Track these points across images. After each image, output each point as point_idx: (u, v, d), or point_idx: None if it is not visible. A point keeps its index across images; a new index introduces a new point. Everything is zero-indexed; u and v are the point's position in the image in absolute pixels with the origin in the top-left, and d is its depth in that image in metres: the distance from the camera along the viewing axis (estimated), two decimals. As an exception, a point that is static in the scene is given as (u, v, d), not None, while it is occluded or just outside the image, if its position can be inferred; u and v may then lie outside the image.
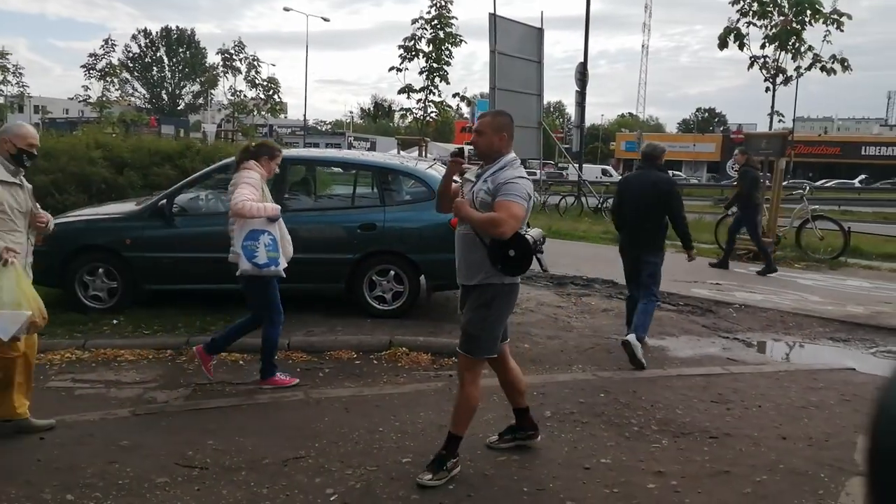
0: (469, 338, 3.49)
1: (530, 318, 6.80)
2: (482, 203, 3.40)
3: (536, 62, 19.86)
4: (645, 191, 5.77)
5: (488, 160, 3.52)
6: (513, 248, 3.33)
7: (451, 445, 3.51)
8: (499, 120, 3.58)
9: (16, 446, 3.82)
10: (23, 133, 3.99)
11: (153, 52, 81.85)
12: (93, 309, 6.25)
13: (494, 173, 3.44)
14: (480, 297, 3.47)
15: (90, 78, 22.79)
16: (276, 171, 5.05)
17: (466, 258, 3.51)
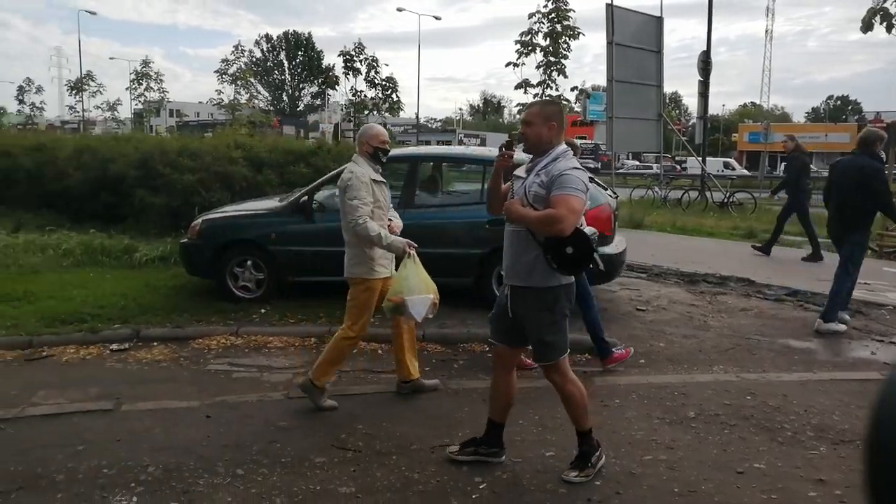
0: (545, 346, 3.34)
1: (663, 315, 6.63)
2: (535, 197, 3.17)
3: (656, 52, 19.30)
4: (851, 173, 6.08)
5: (538, 152, 3.30)
6: (571, 244, 3.09)
7: (585, 441, 3.48)
8: (548, 109, 3.37)
9: (188, 423, 4.16)
10: (375, 133, 4.39)
11: (274, 57, 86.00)
12: (242, 299, 6.69)
13: (546, 165, 3.21)
14: (541, 301, 3.27)
15: (222, 82, 24.32)
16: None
17: (519, 258, 3.28)
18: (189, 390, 4.71)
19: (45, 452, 3.68)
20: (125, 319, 6.09)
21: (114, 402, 4.44)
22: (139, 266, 8.24)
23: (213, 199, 9.27)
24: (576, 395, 3.43)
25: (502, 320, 3.47)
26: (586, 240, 3.14)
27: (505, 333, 3.50)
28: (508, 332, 3.47)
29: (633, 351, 5.32)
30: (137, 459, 3.61)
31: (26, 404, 4.39)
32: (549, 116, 3.29)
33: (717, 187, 19.64)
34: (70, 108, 51.74)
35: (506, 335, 3.51)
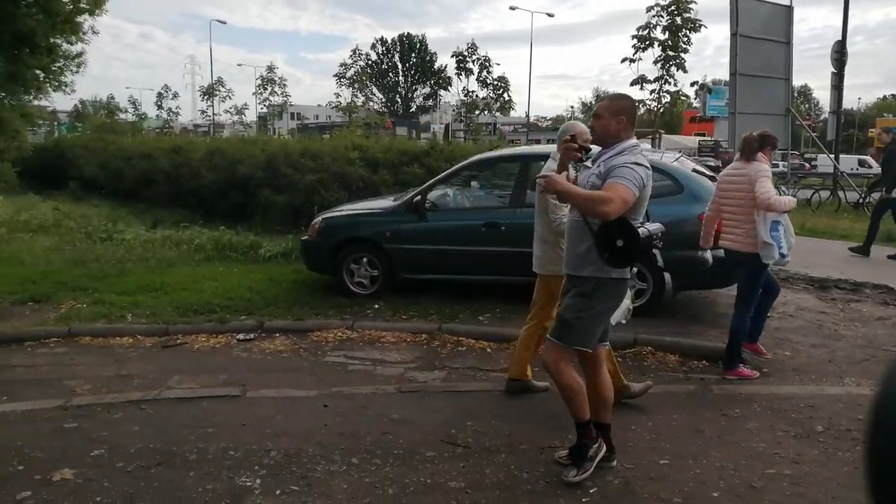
0: (563, 323, 3.34)
1: (790, 323, 6.25)
2: (592, 187, 3.19)
3: (784, 43, 18.16)
4: None
5: (605, 146, 3.33)
6: (621, 237, 3.08)
7: (581, 431, 3.47)
8: (618, 103, 3.37)
9: (307, 411, 4.37)
10: (580, 130, 4.34)
11: (388, 59, 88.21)
12: (357, 294, 6.94)
13: (610, 158, 3.23)
14: (583, 286, 3.31)
15: (341, 86, 25.27)
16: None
17: (574, 248, 3.34)
18: (308, 380, 4.94)
19: (180, 433, 3.98)
20: (250, 311, 6.47)
21: (240, 388, 4.73)
22: (263, 261, 8.72)
23: (332, 198, 9.65)
24: (573, 387, 3.41)
25: None
26: (634, 233, 3.08)
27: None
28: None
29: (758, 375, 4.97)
30: (261, 443, 3.83)
31: (163, 387, 4.76)
32: (619, 111, 3.30)
33: (852, 186, 18.24)
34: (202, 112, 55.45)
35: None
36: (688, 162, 7.16)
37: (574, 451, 3.50)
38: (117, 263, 8.52)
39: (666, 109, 17.37)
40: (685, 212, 6.15)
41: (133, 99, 61.68)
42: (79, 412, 4.30)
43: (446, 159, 10.20)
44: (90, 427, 4.07)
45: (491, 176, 7.97)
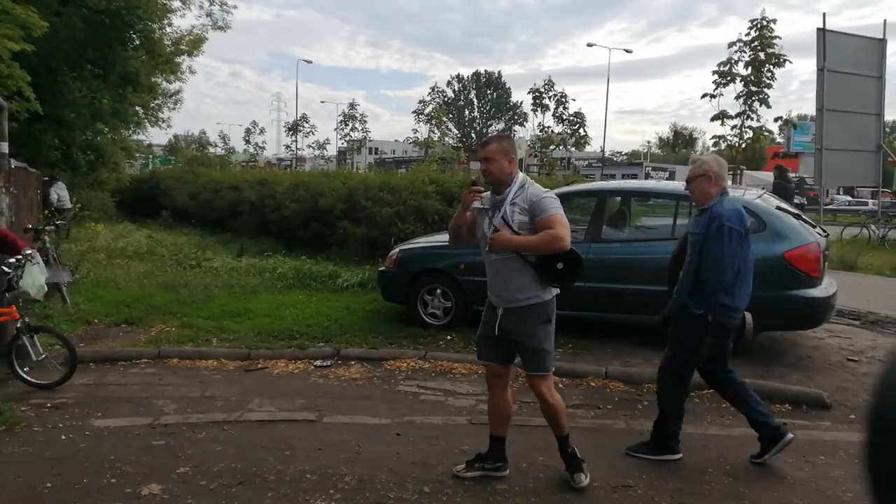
0: (544, 355, 3.60)
1: (879, 368, 5.94)
2: (521, 224, 3.46)
3: (876, 77, 17.48)
4: None
5: (502, 185, 3.54)
6: (561, 261, 3.42)
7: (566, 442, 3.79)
8: (505, 144, 3.60)
9: (379, 438, 4.45)
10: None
11: (465, 95, 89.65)
12: (431, 325, 7.05)
13: (518, 194, 3.49)
14: (538, 315, 3.55)
15: (419, 122, 25.88)
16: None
17: (511, 283, 3.54)
18: (381, 408, 5.04)
19: (259, 454, 4.14)
20: (328, 338, 6.67)
21: (316, 413, 4.87)
22: (341, 290, 8.98)
23: (408, 230, 9.87)
24: (559, 404, 3.72)
25: (491, 340, 3.73)
26: (575, 254, 3.45)
27: (496, 354, 3.75)
28: (499, 351, 3.74)
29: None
30: (336, 468, 3.94)
31: (244, 410, 4.96)
32: (508, 150, 3.57)
33: (953, 227, 17.19)
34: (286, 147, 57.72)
35: (497, 355, 3.76)
36: (771, 199, 6.98)
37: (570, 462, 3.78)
38: (204, 290, 8.94)
39: (748, 145, 16.89)
40: (767, 250, 5.97)
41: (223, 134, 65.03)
42: (166, 430, 4.54)
43: (520, 194, 10.27)
44: (176, 445, 4.28)
45: (566, 210, 7.96)
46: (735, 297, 3.90)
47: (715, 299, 3.87)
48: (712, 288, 3.87)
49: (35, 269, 5.48)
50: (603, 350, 6.35)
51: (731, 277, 3.86)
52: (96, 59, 15.92)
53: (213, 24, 19.87)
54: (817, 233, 6.50)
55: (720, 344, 4.01)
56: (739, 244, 3.87)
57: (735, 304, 3.92)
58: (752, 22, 16.49)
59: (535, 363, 3.64)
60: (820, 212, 17.31)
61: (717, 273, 3.86)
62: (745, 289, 3.99)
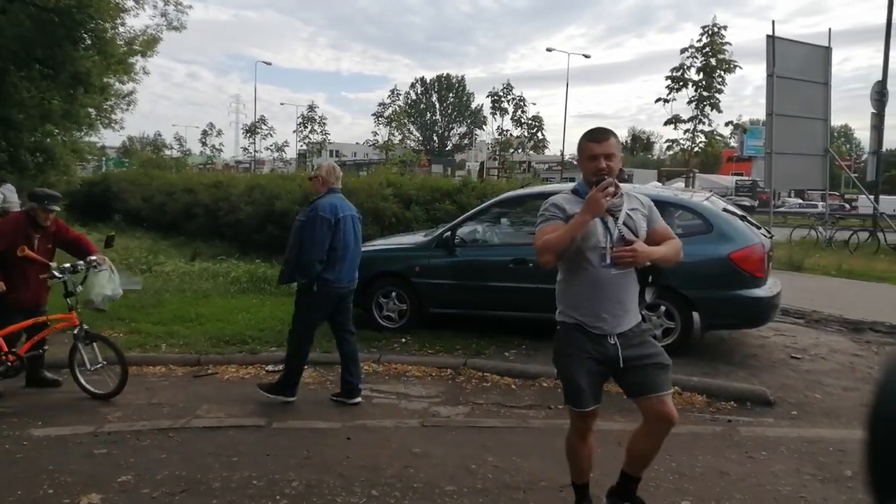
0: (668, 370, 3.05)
1: (821, 365, 6.13)
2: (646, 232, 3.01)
3: (822, 84, 18.04)
4: None
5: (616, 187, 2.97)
6: (651, 273, 3.03)
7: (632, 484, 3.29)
8: (618, 138, 3.05)
9: (329, 443, 4.42)
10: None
11: (427, 98, 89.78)
12: (385, 328, 7.02)
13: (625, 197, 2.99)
14: (649, 332, 3.13)
15: (378, 124, 25.78)
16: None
17: (625, 301, 2.98)
18: (332, 412, 5.00)
19: (205, 461, 4.07)
20: (281, 342, 6.57)
21: (266, 418, 4.81)
22: (295, 294, 8.86)
23: (365, 233, 9.77)
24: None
25: (601, 380, 3.06)
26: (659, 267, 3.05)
27: (600, 394, 3.08)
28: (601, 391, 3.08)
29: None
30: (283, 473, 3.89)
31: (192, 416, 4.87)
32: (620, 146, 3.10)
33: (892, 228, 17.83)
34: (244, 149, 56.90)
35: (600, 395, 3.09)
36: (718, 201, 7.14)
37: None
38: (155, 294, 8.76)
39: (701, 149, 17.27)
40: (713, 251, 6.12)
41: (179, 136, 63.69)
42: (109, 438, 4.43)
43: (478, 196, 10.33)
44: (119, 453, 4.18)
45: (520, 213, 8.03)
46: (336, 272, 5.04)
47: (312, 272, 4.93)
48: (311, 263, 4.91)
49: (99, 277, 5.32)
50: (556, 351, 6.40)
51: (322, 255, 4.93)
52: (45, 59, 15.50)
53: (168, 25, 19.51)
54: (762, 234, 6.67)
55: (319, 307, 5.09)
56: (328, 229, 4.94)
57: (335, 278, 5.06)
58: (704, 28, 16.93)
59: (668, 380, 3.05)
60: (770, 214, 17.75)
61: (313, 251, 4.91)
62: (346, 266, 5.14)
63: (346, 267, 5.15)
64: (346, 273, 5.17)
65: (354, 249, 5.24)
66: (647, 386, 2.97)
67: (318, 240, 4.92)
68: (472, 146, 77.90)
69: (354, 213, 5.33)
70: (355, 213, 5.36)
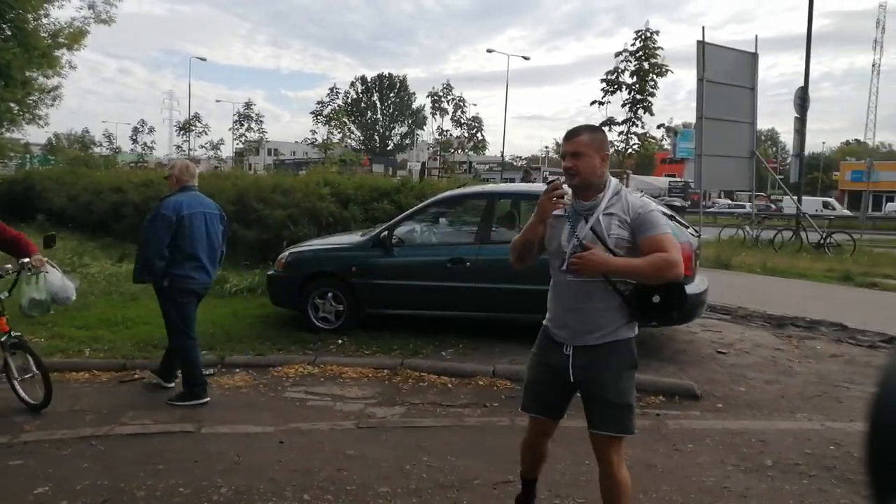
0: (629, 411, 2.74)
1: (745, 359, 6.37)
2: (619, 241, 2.66)
3: (749, 89, 18.75)
4: None
5: (591, 189, 2.72)
6: (660, 293, 2.63)
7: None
8: (599, 136, 2.79)
9: (261, 447, 4.33)
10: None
11: (367, 98, 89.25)
12: (322, 329, 6.92)
13: (613, 202, 2.70)
14: (621, 358, 2.73)
15: (317, 123, 25.47)
16: None
17: (594, 312, 2.71)
18: (265, 416, 4.90)
19: (129, 469, 3.91)
20: (212, 346, 6.42)
21: (195, 424, 4.67)
22: (229, 296, 8.67)
23: (301, 233, 9.68)
24: (628, 483, 2.81)
25: (552, 390, 2.88)
26: (680, 286, 2.66)
27: (552, 406, 2.93)
28: (557, 404, 2.92)
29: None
30: (212, 480, 3.79)
31: (116, 423, 4.68)
32: (602, 145, 2.77)
33: (813, 227, 18.71)
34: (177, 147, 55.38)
35: (553, 408, 2.94)
36: (650, 202, 7.32)
37: None
38: (79, 297, 8.38)
39: (634, 151, 17.74)
40: (644, 250, 6.27)
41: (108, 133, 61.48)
42: (25, 449, 4.22)
43: (417, 196, 10.29)
44: (36, 464, 3.99)
45: (458, 213, 8.07)
46: (185, 269, 5.00)
47: (154, 270, 4.94)
48: (150, 261, 4.91)
49: (31, 282, 4.93)
50: (491, 349, 6.46)
51: (161, 252, 4.89)
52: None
53: (97, 17, 18.81)
54: (690, 233, 6.88)
55: (179, 303, 5.11)
56: (168, 227, 4.90)
57: (186, 275, 5.02)
58: (637, 33, 17.37)
59: (614, 421, 2.73)
60: (701, 214, 18.36)
61: (150, 249, 4.91)
62: (197, 264, 5.06)
63: (197, 265, 5.08)
64: (199, 271, 5.10)
65: (210, 247, 5.17)
66: (591, 418, 2.81)
67: (158, 238, 4.91)
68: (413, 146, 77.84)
69: (212, 211, 5.28)
70: (214, 211, 5.31)
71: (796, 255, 15.92)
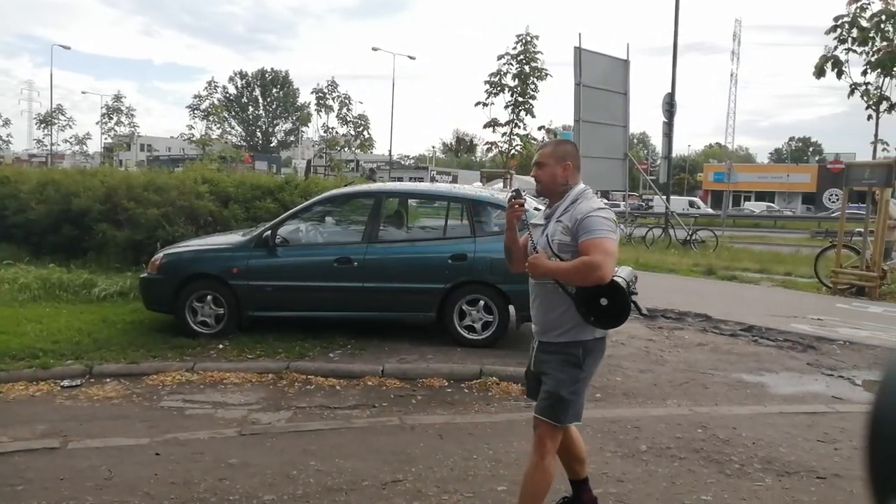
0: (559, 402, 2.91)
1: (621, 350, 6.71)
2: (561, 246, 2.88)
3: (622, 94, 19.80)
4: None
5: (554, 196, 3.03)
6: (605, 295, 2.78)
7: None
8: (561, 148, 3.11)
9: (135, 461, 4.09)
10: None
11: (249, 93, 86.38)
12: (201, 334, 6.62)
13: (567, 210, 2.94)
14: (569, 355, 2.93)
15: (194, 118, 24.33)
16: None
17: (548, 313, 2.98)
18: (139, 427, 4.63)
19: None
20: (79, 355, 5.98)
21: (60, 439, 4.34)
22: (98, 301, 8.12)
23: (177, 233, 9.22)
24: (550, 475, 2.98)
25: (533, 377, 3.16)
26: (621, 289, 2.80)
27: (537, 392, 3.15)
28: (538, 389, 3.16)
29: None
30: (80, 498, 3.53)
31: (-32, 443, 4.27)
32: (563, 156, 3.04)
33: (681, 225, 20.04)
34: (38, 141, 51.21)
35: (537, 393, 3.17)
36: (530, 200, 7.55)
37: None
38: None
39: (517, 152, 18.27)
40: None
41: (-46, 125, 55.72)
42: None
43: (301, 194, 10.09)
44: None
45: (345, 212, 7.97)
46: None
47: None
48: None
49: None
50: (380, 349, 6.43)
51: None
52: None
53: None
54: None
55: None
56: None
57: None
58: (518, 37, 17.90)
59: (544, 406, 2.95)
60: (579, 213, 19.17)
61: None
62: None
63: None
64: None
65: None
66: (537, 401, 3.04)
67: None
68: (298, 143, 76.17)
69: None
70: None
71: (665, 252, 16.99)
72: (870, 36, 11.75)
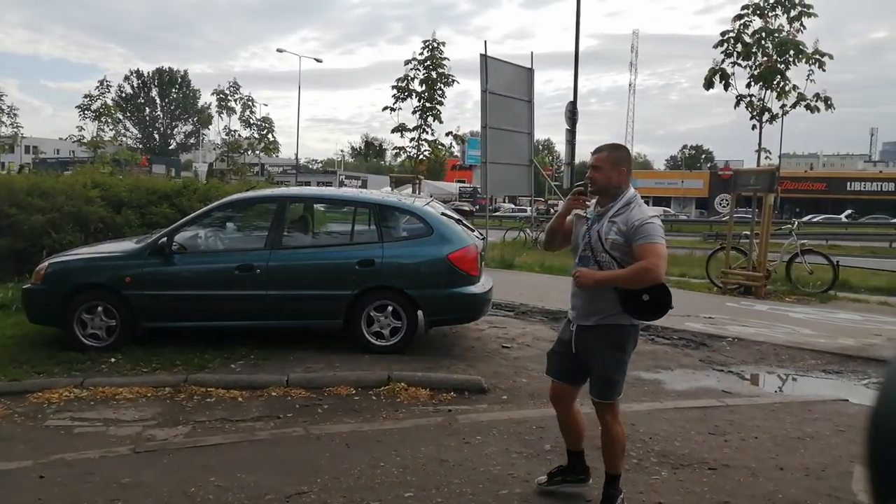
0: (609, 383, 3.40)
1: (527, 352, 6.84)
2: (613, 245, 3.30)
3: (527, 101, 20.22)
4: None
5: (607, 197, 3.39)
6: (648, 292, 3.23)
7: (613, 484, 3.51)
8: (616, 154, 3.44)
9: (16, 486, 3.81)
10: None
11: (145, 93, 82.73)
12: (91, 347, 6.24)
13: (620, 212, 3.33)
14: (612, 339, 3.38)
15: (84, 118, 22.96)
16: None
17: (594, 302, 3.38)
18: (22, 449, 4.32)
19: None
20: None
21: (-72, 467, 3.98)
22: (-26, 314, 7.51)
23: (65, 241, 8.69)
24: (621, 438, 3.50)
25: (565, 359, 3.56)
26: (664, 289, 3.26)
27: (567, 373, 3.59)
28: (571, 371, 3.57)
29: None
30: (-50, 530, 3.25)
31: None
32: (618, 161, 3.39)
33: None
34: None
35: (567, 374, 3.60)
36: (438, 206, 7.60)
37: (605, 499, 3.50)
38: None
39: (425, 157, 18.33)
40: (434, 252, 6.50)
41: None
42: None
43: (200, 199, 9.73)
44: None
45: (247, 217, 7.75)
46: None
47: None
48: None
49: None
50: (285, 358, 6.26)
51: None
52: None
53: None
54: (476, 236, 7.26)
55: None
56: None
57: None
58: (425, 43, 17.96)
59: (599, 390, 3.43)
60: (487, 217, 19.45)
61: None
62: None
63: None
64: None
65: None
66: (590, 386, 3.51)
67: None
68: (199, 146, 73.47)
69: None
70: None
71: (569, 255, 17.42)
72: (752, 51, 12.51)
